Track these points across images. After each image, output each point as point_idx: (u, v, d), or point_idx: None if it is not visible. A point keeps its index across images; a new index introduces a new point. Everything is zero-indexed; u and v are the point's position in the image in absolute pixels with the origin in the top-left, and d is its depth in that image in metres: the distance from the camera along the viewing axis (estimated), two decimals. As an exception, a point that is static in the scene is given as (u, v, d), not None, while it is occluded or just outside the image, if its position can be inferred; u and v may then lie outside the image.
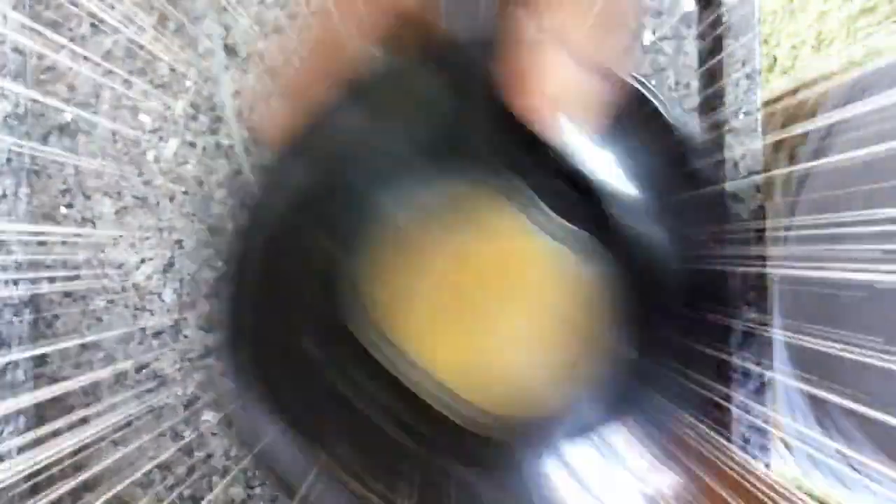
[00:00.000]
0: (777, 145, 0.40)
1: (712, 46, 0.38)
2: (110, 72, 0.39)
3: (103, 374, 0.38)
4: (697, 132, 0.23)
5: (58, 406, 0.38)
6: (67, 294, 0.38)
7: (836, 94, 0.38)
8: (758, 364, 0.37)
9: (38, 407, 0.38)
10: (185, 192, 0.39)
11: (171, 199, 0.39)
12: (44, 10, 0.39)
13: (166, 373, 0.38)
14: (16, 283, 0.37)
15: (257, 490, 0.38)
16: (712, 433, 0.35)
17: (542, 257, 0.22)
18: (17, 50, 0.38)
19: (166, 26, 0.39)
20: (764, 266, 0.36)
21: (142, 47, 0.39)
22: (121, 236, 0.38)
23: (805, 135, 0.39)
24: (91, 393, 0.38)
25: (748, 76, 0.37)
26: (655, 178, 0.22)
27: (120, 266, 0.38)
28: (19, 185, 0.38)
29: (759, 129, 0.37)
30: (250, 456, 0.22)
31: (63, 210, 0.38)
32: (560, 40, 0.18)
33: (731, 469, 0.27)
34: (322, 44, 0.21)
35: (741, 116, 0.37)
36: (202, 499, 0.38)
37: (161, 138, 0.39)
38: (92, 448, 0.38)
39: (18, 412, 0.37)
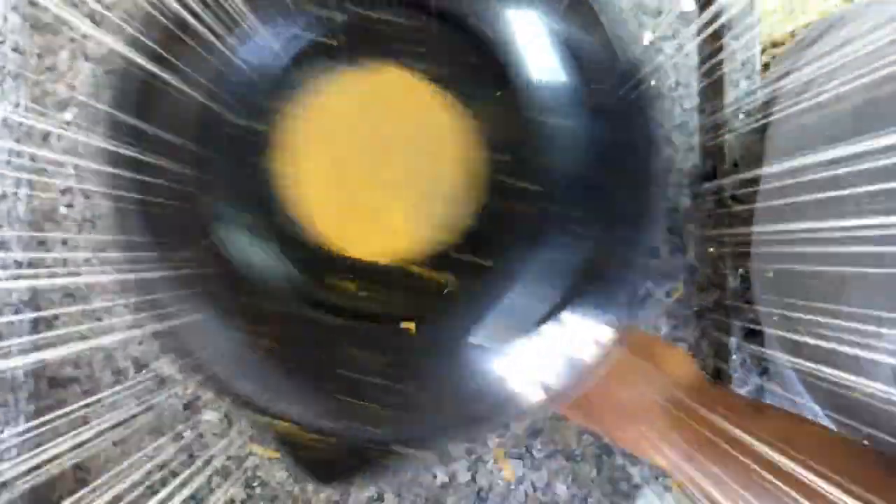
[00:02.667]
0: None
1: (712, 46, 0.38)
2: (110, 72, 0.39)
3: (103, 373, 0.38)
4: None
5: (58, 406, 0.38)
6: (68, 294, 0.38)
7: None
8: (758, 363, 0.37)
9: (38, 407, 0.38)
10: (186, 192, 0.39)
11: (172, 198, 0.38)
12: (43, 11, 0.39)
13: (166, 373, 0.38)
14: (16, 283, 0.37)
15: (257, 490, 0.38)
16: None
17: (427, 111, 0.22)
18: (17, 50, 0.38)
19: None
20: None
21: (142, 47, 0.39)
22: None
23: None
24: (91, 393, 0.38)
25: (748, 76, 0.37)
26: (585, 62, 0.22)
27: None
28: (19, 185, 0.38)
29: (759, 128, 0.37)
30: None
31: (63, 210, 0.38)
32: None
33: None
34: None
35: (741, 116, 0.37)
36: (202, 499, 0.38)
37: (161, 138, 0.39)
38: (92, 448, 0.38)
39: (18, 412, 0.37)
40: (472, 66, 0.22)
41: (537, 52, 0.22)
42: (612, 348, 0.22)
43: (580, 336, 0.22)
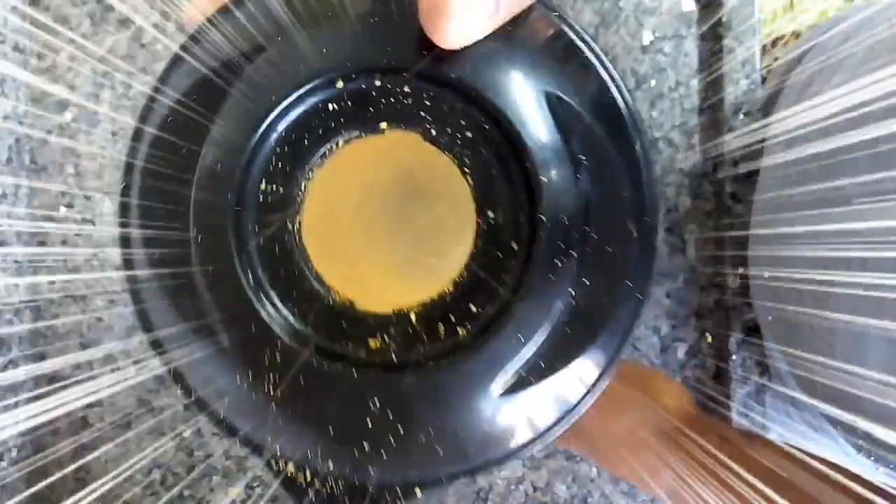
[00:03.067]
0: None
1: (712, 46, 0.38)
2: (110, 72, 0.39)
3: (103, 373, 0.38)
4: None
5: (57, 405, 0.38)
6: (67, 294, 0.38)
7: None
8: (758, 364, 0.37)
9: (38, 406, 0.38)
10: (185, 192, 0.39)
11: (171, 198, 0.39)
12: (44, 11, 0.39)
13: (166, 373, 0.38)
14: (16, 283, 0.37)
15: (257, 490, 0.38)
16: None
17: (432, 169, 0.24)
18: (17, 49, 0.38)
19: (166, 27, 0.39)
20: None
21: (142, 47, 0.39)
22: (121, 236, 0.38)
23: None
24: (91, 393, 0.38)
25: (748, 76, 0.37)
26: (571, 116, 0.24)
27: (119, 266, 0.38)
28: (19, 184, 0.38)
29: (760, 129, 0.37)
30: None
31: (63, 210, 0.39)
32: None
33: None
34: None
35: (741, 116, 0.37)
36: (202, 499, 0.38)
37: (161, 138, 0.39)
38: (91, 447, 0.38)
39: (18, 411, 0.37)
40: (471, 129, 0.24)
41: (533, 115, 0.23)
42: (603, 386, 0.24)
43: (571, 379, 0.24)
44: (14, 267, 0.38)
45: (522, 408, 0.23)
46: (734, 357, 0.37)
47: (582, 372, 0.24)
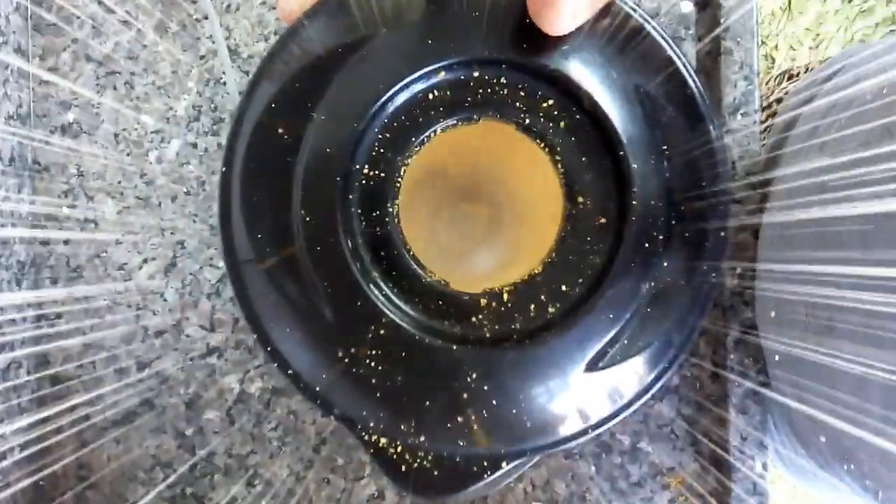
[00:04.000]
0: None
1: (710, 48, 0.39)
2: (112, 73, 0.39)
3: (105, 372, 0.38)
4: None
5: (60, 404, 0.38)
6: (70, 294, 0.38)
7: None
8: (755, 363, 0.37)
9: (41, 405, 0.38)
10: (187, 193, 0.39)
11: (173, 199, 0.39)
12: (46, 12, 0.39)
13: (168, 372, 0.38)
14: (19, 282, 0.38)
15: (258, 488, 0.38)
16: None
17: (523, 157, 0.25)
18: (19, 50, 0.39)
19: (168, 28, 0.39)
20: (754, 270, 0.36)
21: (144, 48, 0.39)
22: (123, 236, 0.39)
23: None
24: (93, 391, 0.38)
25: (746, 77, 0.38)
26: (653, 105, 0.25)
27: (122, 266, 0.39)
28: (22, 185, 0.38)
29: (758, 131, 0.38)
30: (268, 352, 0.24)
31: (65, 210, 0.39)
32: None
33: None
34: None
35: (739, 117, 0.38)
36: (204, 497, 0.38)
37: (163, 139, 0.39)
38: (94, 446, 0.38)
39: (21, 410, 0.37)
40: (563, 119, 0.25)
41: (624, 107, 0.25)
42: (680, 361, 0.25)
43: (652, 357, 0.25)
44: (17, 267, 0.38)
45: (607, 384, 0.24)
46: (731, 356, 0.37)
47: (662, 350, 0.25)
